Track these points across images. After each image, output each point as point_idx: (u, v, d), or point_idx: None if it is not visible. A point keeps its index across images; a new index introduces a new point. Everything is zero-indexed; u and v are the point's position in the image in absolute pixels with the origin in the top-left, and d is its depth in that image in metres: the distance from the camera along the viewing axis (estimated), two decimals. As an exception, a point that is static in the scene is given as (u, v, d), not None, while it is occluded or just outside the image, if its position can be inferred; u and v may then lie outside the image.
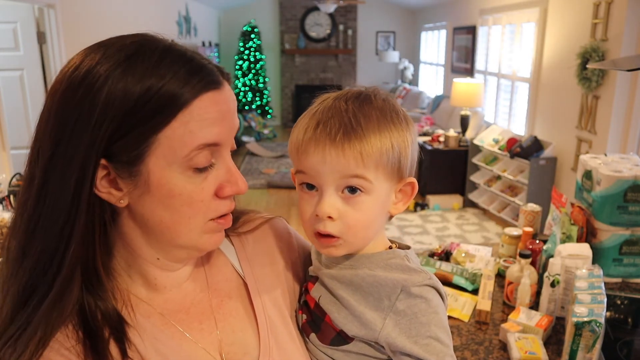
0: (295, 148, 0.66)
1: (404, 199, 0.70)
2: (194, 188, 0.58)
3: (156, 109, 0.54)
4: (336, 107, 0.65)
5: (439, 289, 0.67)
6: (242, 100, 8.79)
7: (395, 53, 8.80)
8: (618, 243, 1.63)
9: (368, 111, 0.64)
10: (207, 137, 0.57)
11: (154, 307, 0.64)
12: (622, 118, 3.40)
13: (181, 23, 6.21)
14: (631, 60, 1.67)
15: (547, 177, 4.13)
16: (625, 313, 1.51)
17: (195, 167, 0.57)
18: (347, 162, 0.62)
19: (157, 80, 0.54)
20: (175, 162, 0.56)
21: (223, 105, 0.59)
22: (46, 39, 3.20)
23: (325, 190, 0.64)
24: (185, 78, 0.55)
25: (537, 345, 1.28)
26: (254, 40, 8.65)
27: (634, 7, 3.21)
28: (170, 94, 0.54)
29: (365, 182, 0.64)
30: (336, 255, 0.68)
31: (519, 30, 4.79)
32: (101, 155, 0.55)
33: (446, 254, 1.90)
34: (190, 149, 0.56)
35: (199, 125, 0.56)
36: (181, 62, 0.56)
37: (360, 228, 0.66)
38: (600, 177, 1.62)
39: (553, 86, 4.23)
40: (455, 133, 5.21)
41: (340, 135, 0.62)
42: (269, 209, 5.12)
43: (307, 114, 0.67)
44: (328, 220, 0.64)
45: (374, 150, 0.63)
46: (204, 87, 0.56)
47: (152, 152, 0.55)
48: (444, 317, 0.66)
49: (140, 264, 0.63)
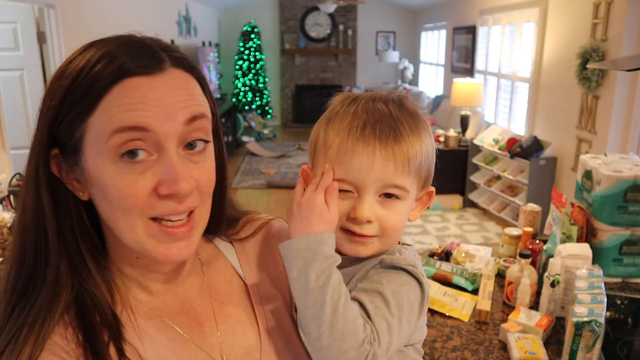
0: (336, 148, 0.64)
1: (419, 207, 0.72)
2: (123, 180, 0.54)
3: (85, 90, 0.53)
4: (379, 110, 0.64)
5: (420, 281, 0.65)
6: (242, 100, 8.79)
7: (395, 53, 8.80)
8: (618, 243, 1.63)
9: (407, 116, 0.65)
10: (126, 120, 0.53)
11: (153, 309, 0.63)
12: (622, 118, 3.40)
13: (181, 23, 6.21)
14: (631, 60, 1.67)
15: (547, 177, 4.12)
16: (625, 313, 1.51)
17: (122, 154, 0.54)
18: (395, 167, 0.62)
19: (91, 61, 0.54)
20: (103, 150, 0.54)
21: (152, 92, 0.54)
22: (46, 39, 3.20)
23: (366, 194, 0.63)
24: (113, 61, 0.54)
25: (537, 345, 1.28)
26: (254, 40, 8.65)
27: (634, 7, 3.21)
28: (97, 75, 0.53)
29: (403, 191, 0.65)
30: (362, 255, 0.68)
31: (519, 30, 4.79)
32: (50, 143, 0.56)
33: (446, 254, 1.90)
34: (109, 131, 0.53)
35: (119, 110, 0.53)
36: (121, 46, 0.55)
37: (395, 231, 0.66)
38: (600, 177, 1.62)
39: (553, 86, 4.23)
40: (455, 133, 5.21)
41: (392, 138, 0.62)
42: (269, 209, 5.12)
43: (344, 113, 0.65)
44: (366, 224, 0.64)
45: (418, 155, 0.64)
46: (128, 72, 0.54)
47: (86, 141, 0.55)
48: (410, 295, 0.64)
49: (126, 266, 0.62)
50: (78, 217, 0.59)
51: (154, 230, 0.57)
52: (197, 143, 0.58)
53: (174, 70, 0.57)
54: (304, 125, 9.38)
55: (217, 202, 0.66)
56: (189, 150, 0.58)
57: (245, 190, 5.77)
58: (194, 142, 0.58)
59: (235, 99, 8.74)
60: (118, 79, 0.53)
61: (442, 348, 1.37)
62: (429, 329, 1.46)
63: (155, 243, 0.58)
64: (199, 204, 0.60)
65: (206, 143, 0.59)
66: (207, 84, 0.62)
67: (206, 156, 0.60)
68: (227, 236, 0.74)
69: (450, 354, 1.34)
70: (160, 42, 0.60)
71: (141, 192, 0.55)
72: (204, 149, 0.59)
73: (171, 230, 0.57)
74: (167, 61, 0.56)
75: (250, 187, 5.85)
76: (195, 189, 0.58)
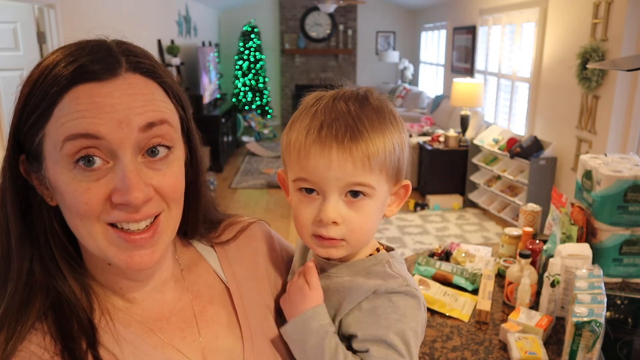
0: (296, 150, 0.63)
1: (397, 201, 0.70)
2: (77, 187, 0.54)
3: (41, 98, 0.54)
4: (338, 109, 0.63)
5: (416, 296, 0.65)
6: (242, 100, 8.79)
7: (395, 53, 8.80)
8: (618, 243, 1.63)
9: (369, 112, 0.63)
10: (77, 127, 0.52)
11: (132, 315, 0.62)
12: (622, 118, 3.40)
13: (181, 23, 6.21)
14: (631, 60, 1.67)
15: (547, 177, 4.13)
16: (625, 313, 1.51)
17: (76, 160, 0.53)
18: (354, 166, 0.61)
19: (49, 67, 0.54)
20: (59, 157, 0.54)
21: (104, 98, 0.53)
22: (46, 39, 3.20)
23: (329, 195, 0.63)
24: (68, 67, 0.53)
25: (537, 345, 1.28)
26: (254, 40, 8.65)
27: (634, 7, 3.21)
28: (51, 82, 0.53)
29: (369, 188, 0.63)
30: (336, 257, 0.68)
31: (519, 30, 4.79)
32: (17, 148, 0.57)
33: (446, 254, 1.90)
34: (62, 139, 0.53)
35: (70, 117, 0.53)
36: (79, 50, 0.55)
37: (363, 231, 0.66)
38: (600, 177, 1.62)
39: (553, 86, 4.23)
40: (455, 133, 5.21)
41: (348, 137, 0.61)
42: (269, 209, 5.13)
43: (305, 114, 0.65)
44: (332, 226, 0.64)
45: (379, 152, 0.62)
46: (80, 79, 0.53)
47: (45, 147, 0.55)
48: (412, 324, 0.64)
49: (101, 274, 0.62)
50: (49, 223, 0.59)
51: (113, 237, 0.56)
52: (159, 149, 0.57)
53: (130, 75, 0.55)
54: (304, 125, 9.37)
55: (192, 205, 0.66)
56: (150, 157, 0.56)
57: (245, 190, 5.77)
58: (154, 149, 0.56)
59: (235, 99, 8.74)
60: (70, 85, 0.53)
61: (442, 348, 1.37)
62: (429, 329, 1.46)
63: (116, 250, 0.56)
64: (162, 210, 0.58)
65: (169, 149, 0.58)
66: (173, 88, 0.60)
67: (169, 162, 0.58)
68: (209, 240, 0.73)
69: (450, 354, 1.34)
70: (125, 45, 0.58)
71: (95, 199, 0.54)
72: (167, 155, 0.58)
73: (131, 237, 0.56)
74: (124, 66, 0.55)
75: (250, 187, 5.85)
76: (157, 196, 0.57)
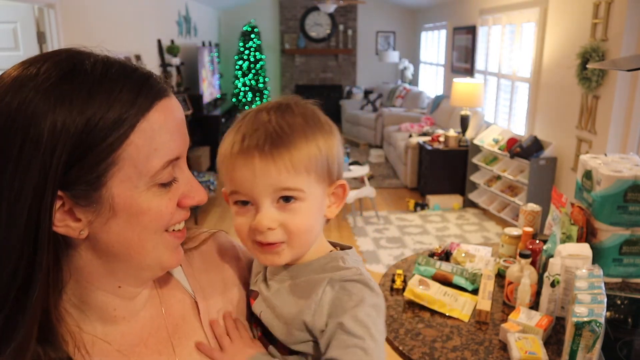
0: (224, 165, 0.66)
1: (337, 202, 0.71)
2: (161, 202, 0.57)
3: (107, 130, 0.51)
4: (259, 119, 0.65)
5: (368, 284, 0.66)
6: (242, 100, 8.79)
7: (395, 53, 8.80)
8: (618, 243, 1.63)
9: (291, 119, 0.65)
10: (169, 154, 0.56)
11: (111, 343, 0.61)
12: (622, 118, 3.40)
13: (181, 23, 6.21)
14: (631, 60, 1.67)
15: (547, 177, 4.13)
16: (625, 313, 1.51)
17: (160, 183, 0.57)
18: (278, 171, 0.63)
19: (100, 106, 0.51)
20: (141, 181, 0.55)
21: (177, 113, 0.58)
22: (46, 39, 3.19)
23: (261, 204, 0.64)
24: (135, 92, 0.54)
25: (537, 345, 1.28)
26: (254, 40, 8.64)
27: (634, 7, 3.21)
28: (122, 108, 0.52)
29: (298, 191, 0.64)
30: (280, 264, 0.68)
31: (519, 30, 4.79)
32: (58, 185, 0.51)
33: (446, 254, 1.90)
34: (157, 169, 0.55)
35: (160, 141, 0.55)
36: (125, 77, 0.55)
37: (302, 233, 0.66)
38: (600, 177, 1.62)
39: (553, 86, 4.23)
40: (455, 133, 5.21)
41: (268, 145, 0.63)
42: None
43: (231, 130, 0.67)
44: (268, 231, 0.65)
45: (303, 156, 0.64)
46: (156, 96, 0.55)
47: (114, 175, 0.53)
48: (368, 309, 0.64)
49: (97, 296, 0.60)
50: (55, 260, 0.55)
51: (169, 240, 0.61)
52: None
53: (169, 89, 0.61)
54: (304, 125, 9.38)
55: None
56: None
57: (245, 190, 5.76)
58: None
59: (235, 99, 8.74)
60: (151, 104, 0.55)
61: (442, 348, 1.37)
62: (429, 329, 1.46)
63: (170, 252, 0.62)
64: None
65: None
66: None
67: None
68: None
69: (450, 354, 1.34)
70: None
71: (173, 209, 0.59)
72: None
73: (179, 235, 0.63)
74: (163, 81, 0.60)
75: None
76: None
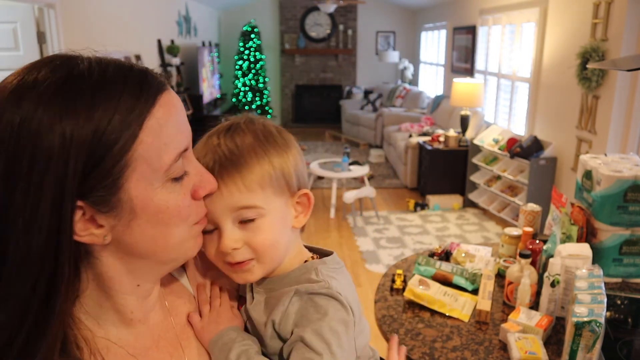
0: None
1: (304, 211, 0.72)
2: (177, 197, 0.57)
3: (116, 133, 0.51)
4: (209, 144, 0.66)
5: (337, 297, 0.65)
6: (242, 100, 8.79)
7: (395, 53, 8.80)
8: (618, 243, 1.63)
9: (240, 139, 0.66)
10: (178, 146, 0.56)
11: (125, 347, 0.61)
12: (622, 118, 3.40)
13: (181, 23, 6.21)
14: (631, 60, 1.67)
15: (547, 177, 4.12)
16: (625, 313, 1.51)
17: (173, 178, 0.57)
18: (229, 193, 0.63)
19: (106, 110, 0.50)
20: (156, 178, 0.55)
21: (178, 105, 0.58)
22: (46, 39, 3.19)
23: (223, 226, 0.65)
24: (136, 90, 0.53)
25: (537, 345, 1.28)
26: (254, 40, 8.64)
27: (634, 7, 3.21)
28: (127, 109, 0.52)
29: (257, 209, 0.65)
30: (252, 281, 0.69)
31: (519, 30, 4.79)
32: (77, 195, 0.50)
33: (446, 254, 1.90)
34: (169, 163, 0.55)
35: (168, 135, 0.55)
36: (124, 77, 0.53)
37: (267, 248, 0.66)
38: (600, 177, 1.62)
39: (553, 86, 4.23)
40: (455, 133, 5.21)
41: (217, 168, 0.63)
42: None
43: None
44: (234, 251, 0.65)
45: (254, 174, 0.64)
46: (157, 91, 0.55)
47: (130, 176, 0.53)
48: (332, 323, 0.63)
49: (116, 300, 0.60)
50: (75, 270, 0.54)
51: (196, 230, 0.62)
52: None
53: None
54: (304, 125, 9.38)
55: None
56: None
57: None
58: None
59: (235, 99, 8.74)
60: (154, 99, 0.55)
61: (442, 348, 1.37)
62: (429, 329, 1.46)
63: (194, 242, 0.63)
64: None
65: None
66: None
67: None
68: None
69: (450, 354, 1.34)
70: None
71: (189, 201, 0.59)
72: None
73: (204, 222, 0.64)
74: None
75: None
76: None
